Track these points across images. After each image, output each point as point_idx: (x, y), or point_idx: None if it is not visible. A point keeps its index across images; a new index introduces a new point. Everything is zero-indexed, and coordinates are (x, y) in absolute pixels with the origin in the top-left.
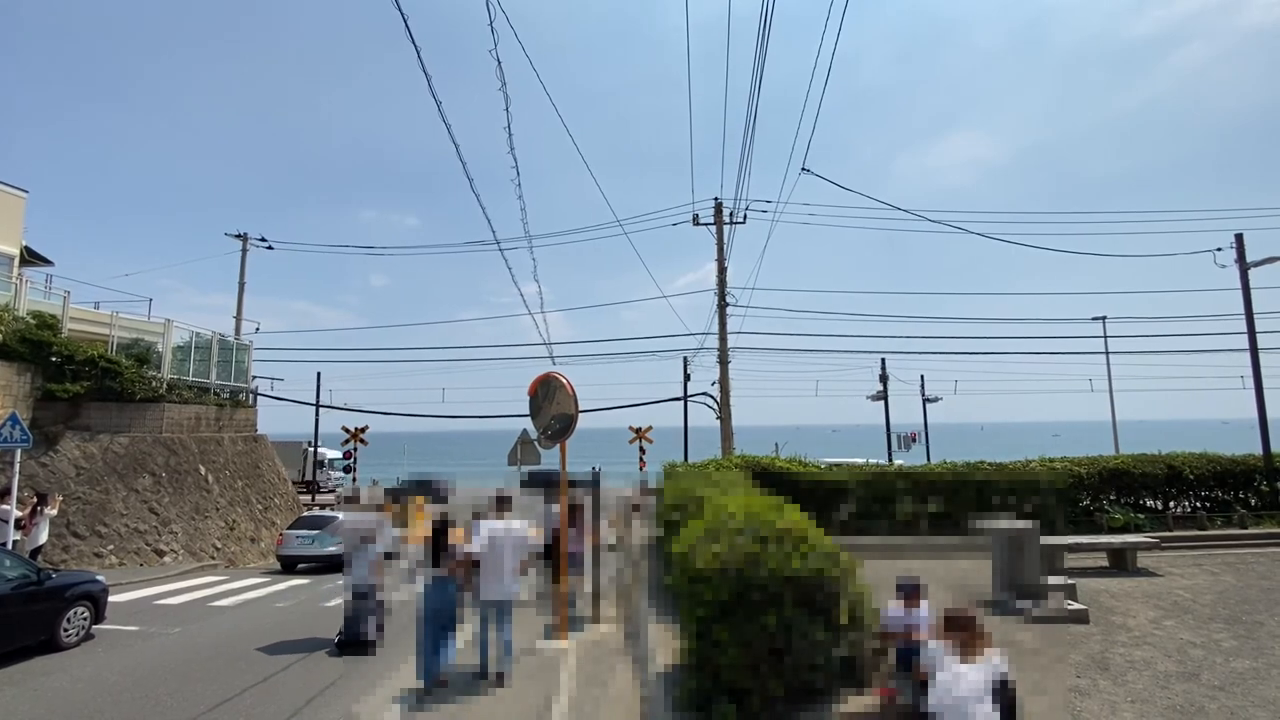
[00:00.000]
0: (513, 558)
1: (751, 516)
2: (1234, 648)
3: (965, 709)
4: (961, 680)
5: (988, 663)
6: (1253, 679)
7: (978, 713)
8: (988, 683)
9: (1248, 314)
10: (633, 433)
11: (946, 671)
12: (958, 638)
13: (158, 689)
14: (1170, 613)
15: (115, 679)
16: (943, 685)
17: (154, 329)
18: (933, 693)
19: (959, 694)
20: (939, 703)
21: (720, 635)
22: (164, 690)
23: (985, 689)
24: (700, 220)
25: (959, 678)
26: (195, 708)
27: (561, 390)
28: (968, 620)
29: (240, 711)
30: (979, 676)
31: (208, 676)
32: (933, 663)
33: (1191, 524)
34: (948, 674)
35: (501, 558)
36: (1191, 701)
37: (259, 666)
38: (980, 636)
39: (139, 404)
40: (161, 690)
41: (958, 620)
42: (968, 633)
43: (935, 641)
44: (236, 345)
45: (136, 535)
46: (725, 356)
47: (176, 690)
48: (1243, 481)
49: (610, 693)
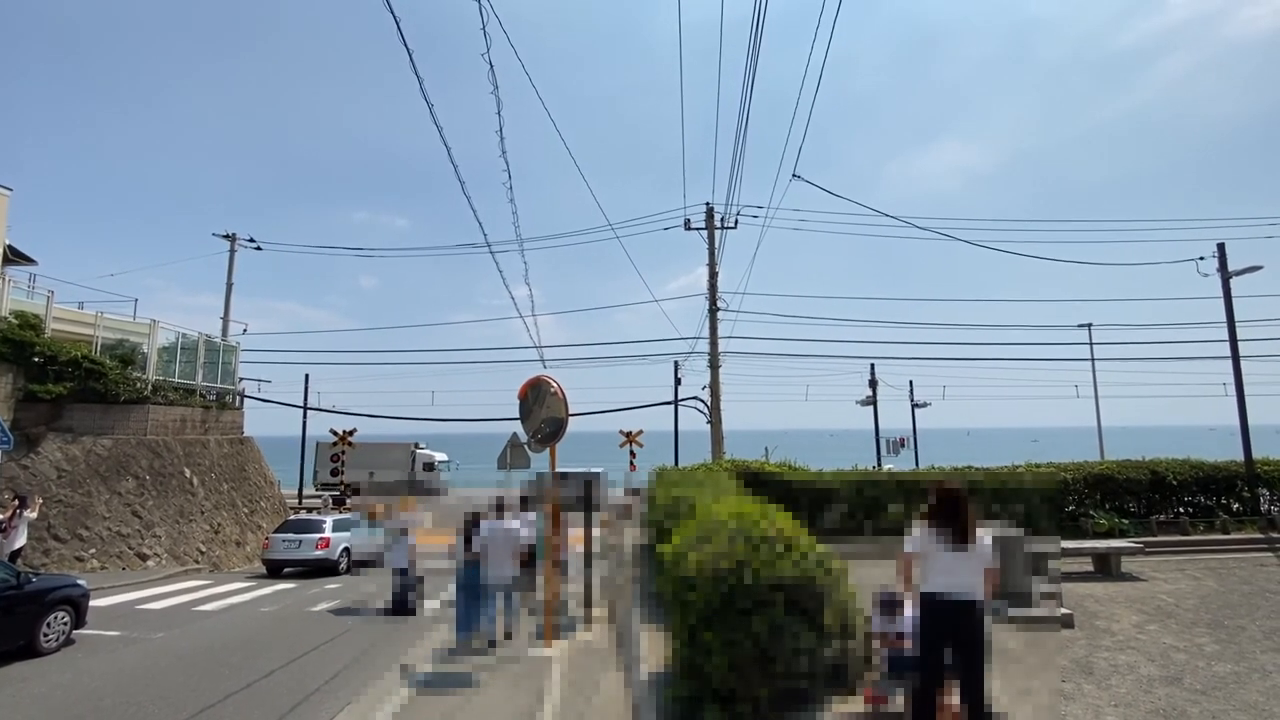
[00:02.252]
0: (507, 550)
1: (741, 520)
2: (1216, 652)
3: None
4: (954, 569)
5: (979, 546)
6: (1234, 683)
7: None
8: (980, 569)
9: (1229, 322)
10: (623, 436)
11: (939, 561)
12: (950, 521)
13: (139, 695)
14: (1154, 617)
15: (96, 685)
16: (933, 572)
17: (139, 329)
18: (926, 576)
19: (951, 580)
20: (932, 586)
21: (709, 639)
22: (146, 696)
23: (978, 576)
24: (691, 225)
25: (952, 567)
26: (178, 714)
27: (552, 394)
28: (957, 502)
29: (224, 718)
30: (972, 563)
31: (191, 682)
32: (925, 550)
33: (1174, 529)
34: (940, 563)
35: (501, 550)
36: (1174, 705)
37: (243, 672)
38: (969, 521)
39: (123, 406)
40: (143, 696)
41: (946, 503)
42: (959, 517)
43: (923, 526)
44: (223, 346)
45: (119, 539)
46: (716, 360)
47: (159, 696)
48: (1225, 487)
49: (598, 698)
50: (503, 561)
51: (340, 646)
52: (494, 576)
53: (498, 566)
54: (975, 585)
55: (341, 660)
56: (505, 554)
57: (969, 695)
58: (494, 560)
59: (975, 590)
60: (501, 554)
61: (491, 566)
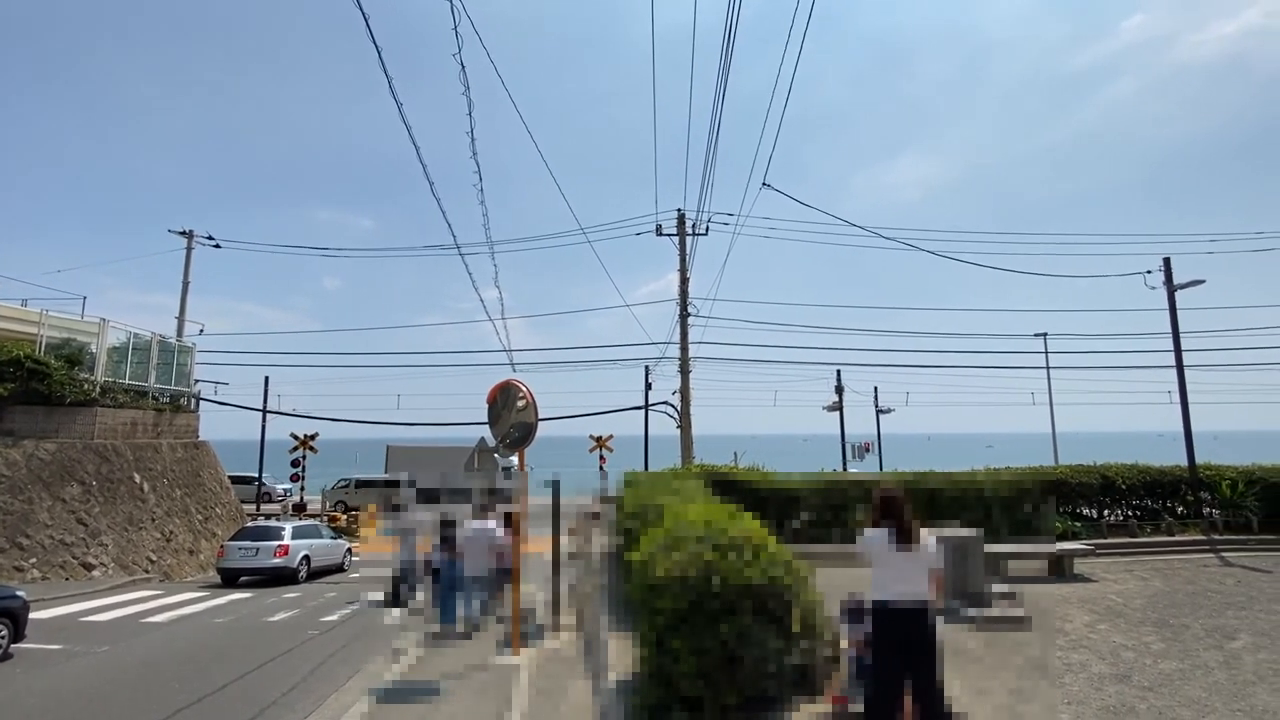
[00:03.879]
0: (484, 549)
1: (710, 525)
2: (1162, 650)
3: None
4: (902, 573)
5: (923, 548)
6: (1179, 679)
7: (916, 595)
8: (925, 571)
9: (1174, 333)
10: (593, 441)
11: (887, 565)
12: (893, 524)
13: (82, 713)
14: (1104, 617)
15: (35, 701)
16: (882, 578)
17: (88, 329)
18: (876, 583)
19: (900, 588)
20: (883, 593)
21: (676, 644)
22: (89, 714)
23: (923, 579)
24: (663, 231)
25: (900, 571)
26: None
27: (521, 398)
28: (899, 505)
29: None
30: (917, 565)
31: (138, 698)
32: (874, 553)
33: (1123, 531)
34: (889, 568)
35: (478, 548)
36: (1124, 702)
37: (194, 686)
38: (911, 523)
39: (69, 408)
40: (86, 714)
41: (889, 505)
42: (902, 520)
43: (873, 530)
44: (178, 347)
45: (63, 548)
46: (686, 366)
47: (103, 713)
48: (1170, 491)
49: (564, 706)
50: (479, 558)
51: (298, 658)
52: (472, 571)
53: (475, 562)
54: (922, 587)
55: (300, 672)
56: (482, 552)
57: (923, 699)
58: (472, 557)
59: (922, 592)
60: (479, 552)
61: (470, 562)
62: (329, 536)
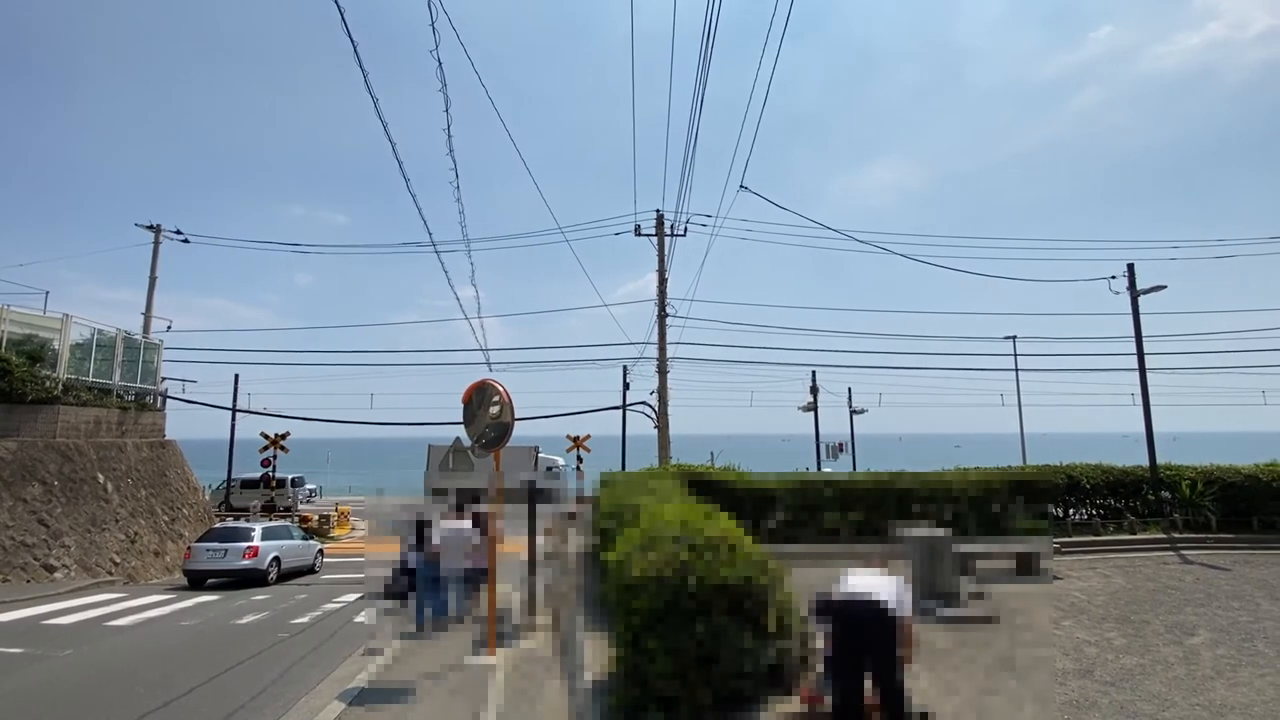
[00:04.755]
0: (460, 547)
1: (686, 525)
2: (1123, 645)
3: (867, 585)
4: (864, 579)
5: (884, 571)
6: (1140, 674)
7: (881, 592)
8: (888, 581)
9: (1137, 336)
10: (570, 441)
11: (853, 578)
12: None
13: (44, 717)
14: (1068, 613)
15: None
16: (849, 581)
17: (50, 324)
18: (844, 585)
19: (865, 586)
20: (850, 591)
21: (651, 644)
22: (52, 718)
23: (887, 582)
24: (642, 231)
25: (863, 579)
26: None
27: (497, 398)
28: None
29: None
30: (879, 575)
31: (102, 703)
32: (842, 576)
33: (1087, 530)
34: (855, 578)
35: (455, 547)
36: (1086, 696)
37: (160, 690)
38: (875, 562)
39: (30, 406)
40: (49, 719)
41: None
42: (878, 562)
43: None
44: (145, 344)
45: (23, 549)
46: (664, 366)
47: (66, 717)
48: (1132, 490)
49: (539, 707)
50: (456, 556)
51: (268, 661)
52: (449, 568)
53: (452, 560)
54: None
55: (270, 675)
56: (459, 550)
57: (886, 700)
58: (449, 555)
59: (882, 592)
60: (455, 550)
61: (448, 560)
62: (300, 537)
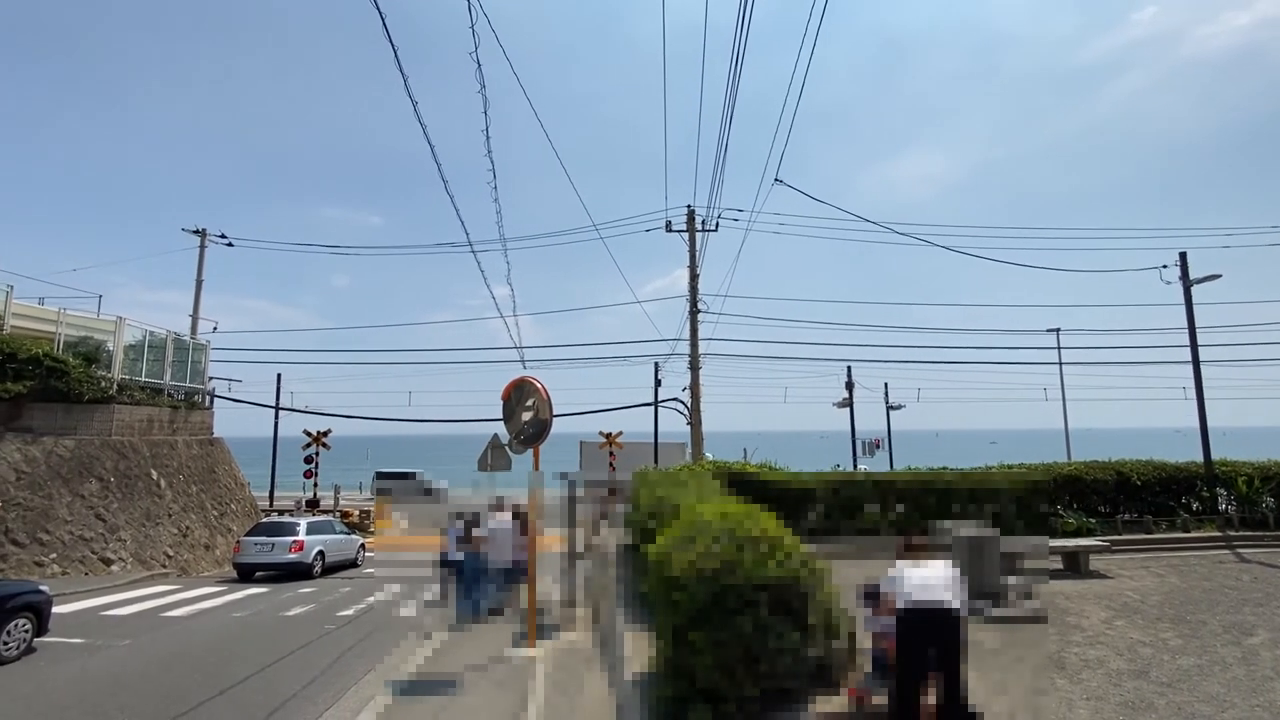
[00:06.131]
0: (506, 541)
1: (727, 521)
2: (1180, 646)
3: (929, 586)
4: (921, 574)
5: (940, 564)
6: (1197, 675)
7: (947, 594)
8: (945, 576)
9: (1190, 328)
10: (603, 438)
11: (910, 574)
12: (914, 556)
13: (106, 704)
14: (1121, 613)
15: (60, 694)
16: (908, 579)
17: (104, 327)
18: (904, 586)
19: (923, 580)
20: (909, 589)
21: (696, 640)
22: (113, 705)
23: (945, 579)
24: (673, 227)
25: (920, 574)
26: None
27: (536, 395)
28: (922, 545)
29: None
30: (935, 570)
31: (160, 691)
32: (899, 572)
33: (1139, 528)
34: (912, 573)
35: (501, 541)
36: (1142, 698)
37: (215, 679)
38: (928, 552)
39: (87, 405)
40: (110, 705)
41: (914, 545)
42: (924, 552)
43: (900, 561)
44: (193, 345)
45: (82, 543)
46: (697, 362)
47: (126, 705)
48: (1186, 487)
49: (582, 700)
50: (502, 549)
51: (316, 651)
52: (495, 561)
53: (498, 553)
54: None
55: (318, 665)
56: (505, 544)
57: (949, 701)
58: (495, 548)
59: (947, 593)
60: (502, 544)
61: (493, 553)
62: (342, 532)
